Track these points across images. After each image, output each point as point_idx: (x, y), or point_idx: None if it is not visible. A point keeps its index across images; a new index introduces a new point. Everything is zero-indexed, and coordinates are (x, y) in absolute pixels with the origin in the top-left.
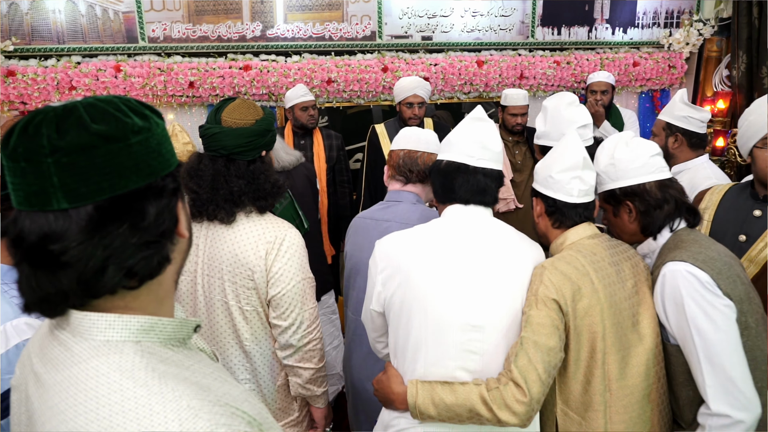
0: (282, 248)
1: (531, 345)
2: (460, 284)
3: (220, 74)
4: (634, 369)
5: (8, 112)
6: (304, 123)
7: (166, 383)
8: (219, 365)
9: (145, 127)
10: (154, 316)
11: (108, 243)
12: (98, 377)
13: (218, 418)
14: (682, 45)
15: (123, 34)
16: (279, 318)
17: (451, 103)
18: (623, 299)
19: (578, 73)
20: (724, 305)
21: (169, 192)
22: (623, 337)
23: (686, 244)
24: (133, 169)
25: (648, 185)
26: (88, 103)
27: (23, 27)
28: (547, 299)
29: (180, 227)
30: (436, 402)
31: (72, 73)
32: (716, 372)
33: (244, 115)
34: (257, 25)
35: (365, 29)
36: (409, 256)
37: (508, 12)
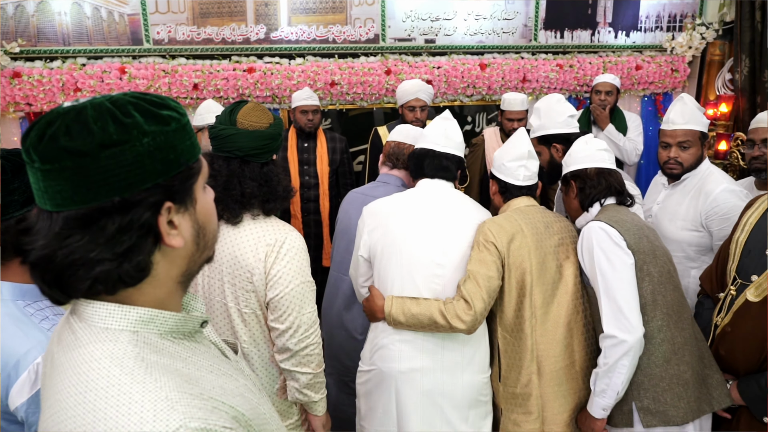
0: (282, 250)
1: (475, 274)
2: (427, 233)
3: (224, 76)
4: (555, 300)
5: (14, 113)
6: (302, 126)
7: (151, 374)
8: (225, 359)
9: (120, 140)
10: (155, 309)
11: (68, 252)
12: (91, 362)
13: (194, 412)
14: (684, 48)
15: (128, 36)
16: (277, 321)
17: (453, 106)
18: (549, 246)
19: (581, 77)
20: (624, 254)
21: (145, 206)
22: (547, 274)
23: (608, 212)
24: (99, 184)
25: (588, 170)
26: (78, 111)
27: (29, 29)
28: (486, 242)
29: (165, 239)
30: (405, 312)
31: (77, 74)
32: (610, 303)
33: (260, 118)
34: (261, 28)
35: (368, 32)
36: (389, 213)
37: (511, 15)
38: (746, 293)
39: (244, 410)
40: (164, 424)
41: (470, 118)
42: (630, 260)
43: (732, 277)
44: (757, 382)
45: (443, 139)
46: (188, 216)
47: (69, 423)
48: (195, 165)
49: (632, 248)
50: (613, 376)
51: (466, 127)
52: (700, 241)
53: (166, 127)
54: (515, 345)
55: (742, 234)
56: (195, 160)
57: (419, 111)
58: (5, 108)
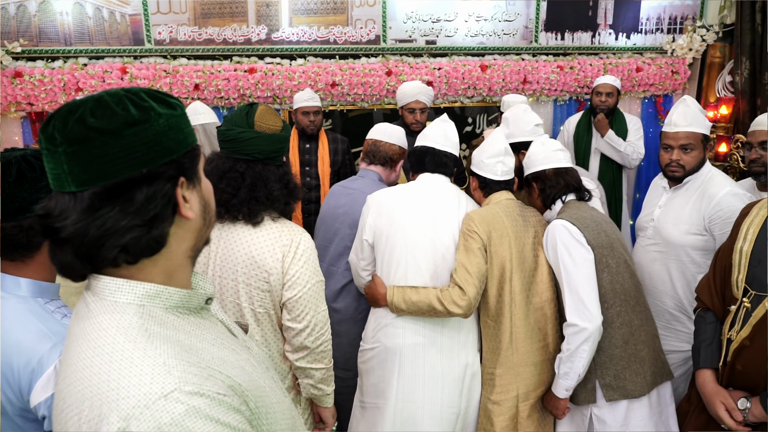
0: (298, 252)
1: (464, 262)
2: (428, 222)
3: (225, 77)
4: (533, 288)
5: (15, 113)
6: (303, 127)
7: (152, 342)
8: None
9: (141, 119)
10: (161, 285)
11: (100, 224)
12: (100, 331)
13: (189, 377)
14: (685, 51)
15: (129, 36)
16: (294, 321)
17: (454, 107)
18: (527, 237)
19: (581, 78)
20: (584, 249)
21: (165, 178)
22: (525, 263)
23: (569, 209)
24: (125, 159)
25: (547, 171)
26: (97, 98)
27: (31, 29)
28: (470, 231)
29: (182, 210)
30: (406, 300)
31: (78, 74)
32: (572, 294)
33: (275, 121)
34: (263, 29)
35: (370, 33)
36: (394, 204)
37: (512, 17)
38: (766, 305)
39: (242, 381)
40: (160, 386)
41: (471, 119)
42: (590, 255)
43: (742, 288)
44: None
45: (442, 138)
46: (196, 192)
47: (78, 384)
48: (197, 147)
49: (591, 244)
50: (575, 360)
51: (467, 128)
52: (705, 245)
53: (174, 111)
54: (495, 329)
55: (745, 243)
56: (196, 143)
57: (419, 113)
58: (7, 108)
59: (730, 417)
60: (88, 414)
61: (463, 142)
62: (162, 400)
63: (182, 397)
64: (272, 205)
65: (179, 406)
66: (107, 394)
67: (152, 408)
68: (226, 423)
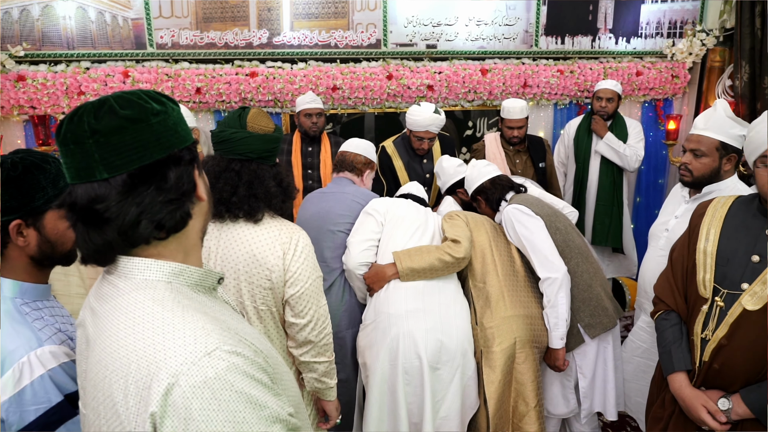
0: (298, 249)
1: (450, 230)
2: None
3: (226, 80)
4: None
5: (18, 116)
6: (306, 129)
7: (187, 311)
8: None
9: (162, 110)
10: (183, 264)
11: (140, 201)
12: (136, 304)
13: (227, 339)
14: (685, 55)
15: (132, 40)
16: (297, 316)
17: (454, 111)
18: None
19: (581, 82)
20: (534, 218)
21: (186, 161)
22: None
23: (513, 200)
24: (155, 144)
25: (484, 184)
26: (117, 96)
27: (34, 33)
28: (453, 216)
29: (198, 191)
30: (413, 260)
31: (81, 78)
32: (537, 255)
33: (267, 123)
34: (264, 33)
35: (370, 37)
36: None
37: (513, 21)
38: (741, 303)
39: (262, 348)
40: (203, 346)
41: (471, 123)
42: (540, 222)
43: (711, 288)
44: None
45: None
46: (202, 178)
47: (122, 351)
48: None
49: (539, 213)
50: (557, 307)
51: (468, 132)
52: None
53: (177, 106)
54: (485, 290)
55: (708, 244)
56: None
57: (427, 142)
58: (9, 111)
59: (713, 419)
60: (135, 375)
61: (464, 145)
62: (206, 357)
63: (223, 355)
64: (270, 202)
65: (221, 363)
66: (154, 355)
67: (198, 364)
68: (259, 379)
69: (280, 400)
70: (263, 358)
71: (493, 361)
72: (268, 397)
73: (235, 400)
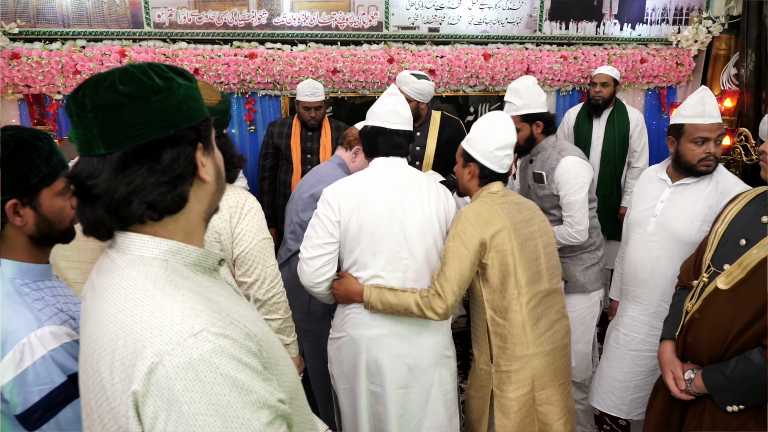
0: (243, 211)
1: (448, 267)
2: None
3: (225, 62)
4: (538, 276)
5: (12, 95)
6: (305, 120)
7: (179, 290)
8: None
9: (165, 87)
10: (182, 243)
11: (130, 181)
12: (129, 280)
13: (215, 320)
14: (690, 42)
15: (128, 19)
16: (244, 275)
17: (456, 96)
18: (524, 226)
19: (585, 69)
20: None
21: (186, 141)
22: (527, 251)
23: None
24: (154, 122)
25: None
26: (123, 69)
27: (28, 9)
28: (463, 233)
29: (200, 172)
30: (383, 301)
31: (76, 57)
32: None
33: (209, 96)
34: (263, 13)
35: (372, 19)
36: (357, 194)
37: (516, 5)
38: (716, 281)
39: (256, 331)
40: (190, 326)
41: (473, 108)
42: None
43: (707, 265)
44: (721, 371)
45: (393, 115)
46: (210, 158)
47: (110, 326)
48: (209, 118)
49: None
50: None
51: (469, 118)
52: None
53: (191, 83)
54: (505, 327)
55: (721, 225)
56: (208, 115)
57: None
58: (4, 89)
59: (675, 386)
60: (121, 352)
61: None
62: (192, 338)
63: (210, 337)
64: None
65: (207, 344)
66: (140, 333)
67: (183, 345)
68: (246, 363)
69: (269, 385)
70: (255, 342)
71: (506, 407)
72: (255, 382)
73: (220, 383)
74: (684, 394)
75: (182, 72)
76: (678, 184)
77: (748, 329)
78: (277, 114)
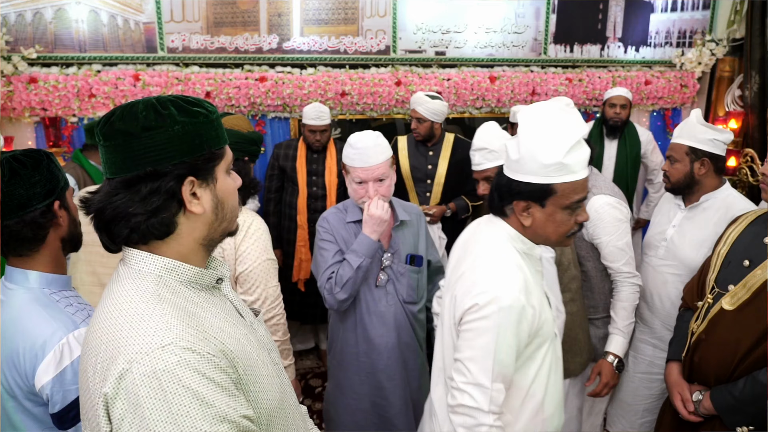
0: (249, 231)
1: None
2: None
3: (236, 85)
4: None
5: (29, 118)
6: (310, 143)
7: (161, 304)
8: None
9: (156, 126)
10: (178, 261)
11: (114, 207)
12: (122, 292)
13: (185, 336)
14: (694, 64)
15: (143, 43)
16: (246, 293)
17: (462, 118)
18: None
19: (590, 91)
20: None
21: (171, 176)
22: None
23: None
24: (140, 157)
25: None
26: (132, 103)
27: (47, 35)
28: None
29: (187, 205)
30: None
31: (92, 81)
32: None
33: (240, 123)
34: (274, 38)
35: (380, 43)
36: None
37: (521, 29)
38: (722, 302)
39: (233, 348)
40: (160, 338)
41: None
42: None
43: (711, 286)
44: (729, 392)
45: None
46: (209, 190)
47: (99, 333)
48: (218, 151)
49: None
50: None
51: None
52: None
53: (194, 119)
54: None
55: (723, 247)
56: (218, 148)
57: (415, 122)
58: (21, 113)
59: (683, 407)
60: (103, 356)
61: None
62: (159, 350)
63: (176, 350)
64: None
65: (173, 357)
66: (118, 341)
67: (151, 355)
68: (211, 378)
69: (234, 401)
70: (229, 359)
71: None
72: (217, 396)
73: (181, 395)
74: (692, 416)
75: (189, 108)
76: (688, 208)
77: (755, 349)
78: (286, 136)
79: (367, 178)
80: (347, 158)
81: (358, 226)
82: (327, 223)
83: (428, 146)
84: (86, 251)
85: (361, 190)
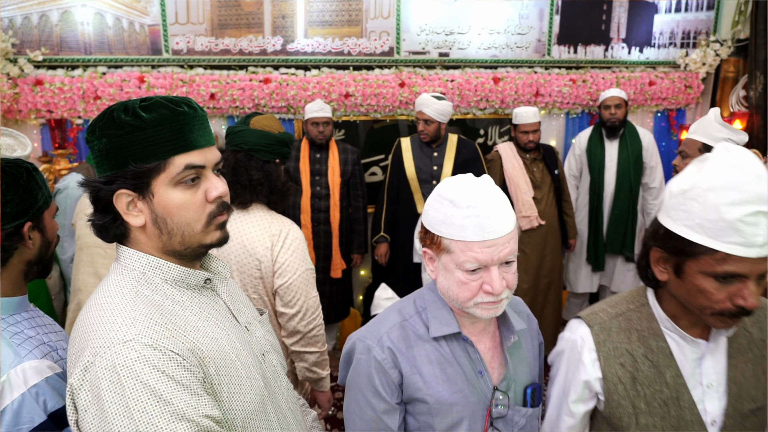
0: (287, 241)
1: None
2: None
3: (240, 86)
4: None
5: (35, 120)
6: (312, 137)
7: (135, 301)
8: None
9: (90, 138)
10: (161, 259)
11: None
12: (106, 286)
13: (150, 333)
14: (698, 65)
15: (148, 46)
16: (286, 306)
17: (465, 119)
18: None
19: (593, 92)
20: None
21: (104, 188)
22: None
23: None
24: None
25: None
26: (112, 109)
27: (53, 38)
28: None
29: (124, 216)
30: None
31: (97, 83)
32: None
33: (271, 124)
34: (278, 39)
35: (383, 45)
36: None
37: (525, 30)
38: None
39: (206, 348)
40: (123, 334)
41: (483, 131)
42: None
43: None
44: None
45: None
46: (147, 204)
47: (79, 325)
48: (150, 166)
49: None
50: None
51: (479, 140)
52: None
53: (119, 131)
54: None
55: None
56: (150, 162)
57: (422, 124)
58: (27, 114)
59: None
60: (77, 347)
61: None
62: (120, 345)
63: (137, 346)
64: (255, 191)
65: (132, 353)
66: (89, 334)
67: (112, 350)
68: (170, 375)
69: (196, 400)
70: (198, 358)
71: None
72: (176, 395)
73: (139, 391)
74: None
75: (119, 122)
76: None
77: None
78: None
79: (490, 261)
80: (444, 225)
81: (451, 344)
82: (379, 358)
83: (433, 147)
84: (88, 252)
85: (474, 284)
